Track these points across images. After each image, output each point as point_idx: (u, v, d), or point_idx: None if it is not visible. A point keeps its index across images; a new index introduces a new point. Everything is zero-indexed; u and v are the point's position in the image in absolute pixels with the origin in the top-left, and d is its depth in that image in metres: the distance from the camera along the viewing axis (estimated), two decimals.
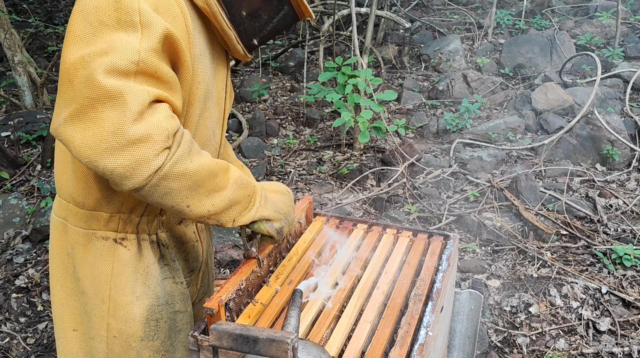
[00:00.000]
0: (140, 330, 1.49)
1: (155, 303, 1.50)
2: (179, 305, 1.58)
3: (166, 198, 1.23)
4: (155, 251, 1.51)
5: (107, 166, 1.14)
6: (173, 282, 1.56)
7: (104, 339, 1.49)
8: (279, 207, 1.50)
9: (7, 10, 5.15)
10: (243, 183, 1.38)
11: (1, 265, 3.57)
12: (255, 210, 1.42)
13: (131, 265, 1.46)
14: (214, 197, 1.31)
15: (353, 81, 4.51)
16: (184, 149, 1.22)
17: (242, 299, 1.55)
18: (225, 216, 1.36)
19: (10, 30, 5.22)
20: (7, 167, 4.47)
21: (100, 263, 1.45)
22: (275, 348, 1.16)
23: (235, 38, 1.44)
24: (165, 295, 1.53)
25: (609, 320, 3.02)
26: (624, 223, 3.84)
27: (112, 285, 1.45)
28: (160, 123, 1.16)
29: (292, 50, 7.21)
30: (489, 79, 6.31)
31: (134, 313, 1.47)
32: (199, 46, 1.37)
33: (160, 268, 1.52)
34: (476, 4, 8.81)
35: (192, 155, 1.24)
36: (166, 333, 1.54)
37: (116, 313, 1.47)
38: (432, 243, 1.92)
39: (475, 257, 3.57)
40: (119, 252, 1.45)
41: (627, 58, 6.51)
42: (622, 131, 4.74)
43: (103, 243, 1.45)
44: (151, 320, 1.50)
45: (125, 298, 1.46)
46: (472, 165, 4.56)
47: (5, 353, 2.95)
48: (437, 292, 1.65)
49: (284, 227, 1.52)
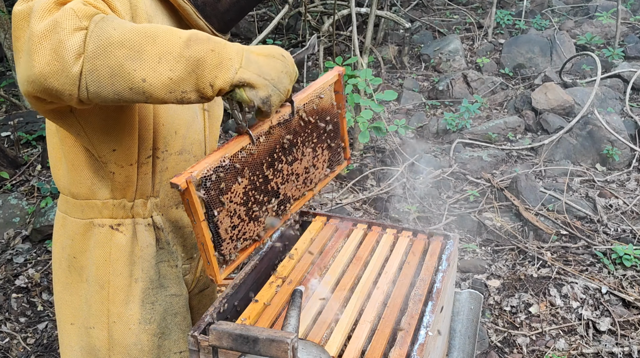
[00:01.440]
0: (138, 312, 1.51)
1: (149, 286, 1.52)
2: (174, 289, 1.59)
3: (116, 81, 1.10)
4: (151, 234, 1.52)
5: (36, 72, 1.07)
6: (168, 265, 1.57)
7: (105, 326, 1.51)
8: (264, 71, 1.23)
9: (7, 10, 5.15)
10: (201, 38, 1.16)
11: (1, 265, 3.57)
12: (233, 71, 1.18)
13: (128, 249, 1.48)
14: (167, 60, 1.12)
15: (353, 81, 4.51)
16: (104, 23, 1.10)
17: (226, 176, 1.30)
18: (197, 81, 1.15)
19: (10, 30, 5.21)
20: (7, 167, 4.47)
21: (98, 250, 1.48)
22: (275, 348, 1.16)
23: (194, 13, 1.40)
24: (160, 278, 1.55)
25: (609, 320, 3.02)
26: (624, 223, 3.84)
27: (111, 270, 1.48)
28: (65, 8, 1.08)
29: (292, 50, 7.21)
30: (489, 79, 6.31)
31: (132, 295, 1.50)
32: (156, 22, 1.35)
33: (155, 251, 1.53)
34: (476, 4, 8.81)
35: (115, 24, 1.11)
36: (162, 315, 1.55)
37: (115, 298, 1.49)
38: (432, 243, 1.92)
39: (475, 257, 3.57)
40: (116, 237, 1.48)
41: (627, 58, 6.51)
42: (622, 131, 4.74)
43: (100, 231, 1.48)
44: (147, 303, 1.52)
45: (123, 281, 1.49)
46: (472, 165, 4.56)
47: (5, 353, 2.95)
48: (437, 292, 1.65)
49: (272, 96, 1.25)
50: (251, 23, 7.44)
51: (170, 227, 1.58)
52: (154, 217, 1.52)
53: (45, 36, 1.07)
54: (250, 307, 1.60)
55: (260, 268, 1.80)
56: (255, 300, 1.61)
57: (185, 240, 1.64)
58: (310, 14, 6.86)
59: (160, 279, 1.55)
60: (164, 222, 1.55)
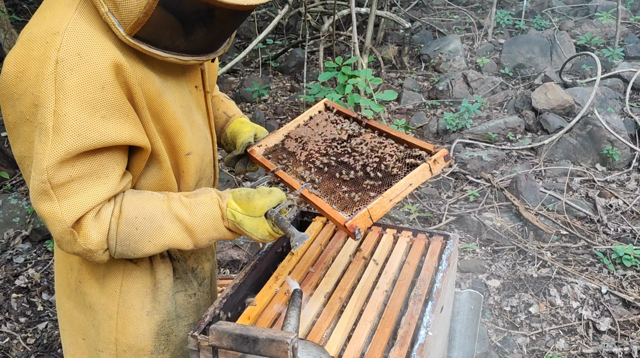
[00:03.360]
0: (150, 344, 1.49)
1: (165, 318, 1.51)
2: (192, 318, 1.58)
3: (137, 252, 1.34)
4: (167, 265, 1.50)
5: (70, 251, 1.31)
6: (185, 295, 1.56)
7: (112, 352, 1.49)
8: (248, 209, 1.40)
9: (7, 10, 5.15)
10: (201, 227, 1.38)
11: (1, 265, 3.57)
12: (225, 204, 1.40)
13: (140, 280, 1.46)
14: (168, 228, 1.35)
15: (353, 81, 4.51)
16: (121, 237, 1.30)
17: None
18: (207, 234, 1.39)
19: (10, 30, 5.22)
20: (7, 167, 4.48)
21: (109, 278, 1.45)
22: (275, 348, 1.16)
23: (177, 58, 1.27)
24: (177, 308, 1.53)
25: (609, 320, 3.02)
26: (624, 223, 3.84)
27: (121, 301, 1.45)
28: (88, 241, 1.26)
29: (292, 50, 7.21)
30: (489, 79, 6.31)
31: (144, 328, 1.47)
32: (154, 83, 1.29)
33: (172, 282, 1.52)
34: (476, 4, 8.81)
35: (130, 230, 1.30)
36: (177, 345, 1.54)
37: (125, 330, 1.47)
38: (432, 244, 1.92)
39: (475, 257, 3.57)
40: (129, 267, 1.45)
41: (627, 58, 6.51)
42: (622, 131, 4.74)
43: (112, 259, 1.42)
44: (161, 335, 1.50)
45: (134, 313, 1.46)
46: (472, 165, 4.56)
47: (5, 353, 2.95)
48: (437, 292, 1.65)
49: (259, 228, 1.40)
50: (251, 23, 7.44)
51: (189, 252, 1.57)
52: None
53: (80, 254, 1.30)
54: (250, 308, 1.60)
55: (260, 268, 1.80)
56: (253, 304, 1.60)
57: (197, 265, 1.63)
58: (310, 14, 6.86)
59: (177, 310, 1.53)
60: (180, 252, 1.54)
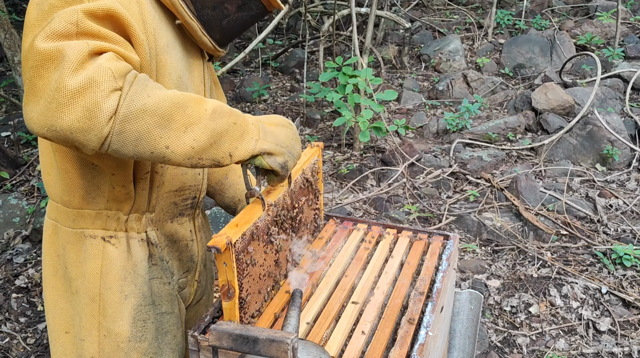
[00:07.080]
0: (127, 330, 1.48)
1: (142, 303, 1.50)
2: (166, 306, 1.57)
3: (140, 144, 1.15)
4: (144, 249, 1.50)
5: (63, 125, 1.08)
6: (160, 282, 1.55)
7: (95, 339, 1.48)
8: (280, 140, 1.37)
9: (7, 10, 5.15)
10: (225, 111, 1.25)
11: (1, 265, 3.57)
12: (254, 142, 1.30)
13: (119, 262, 1.46)
14: (193, 131, 1.19)
15: (353, 81, 4.51)
16: (138, 86, 1.13)
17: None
18: (217, 151, 1.24)
19: (10, 30, 5.22)
20: (7, 167, 4.47)
21: (89, 261, 1.45)
22: (275, 348, 1.16)
23: (199, 29, 1.40)
24: (152, 295, 1.52)
25: (609, 320, 3.02)
26: (624, 223, 3.84)
27: (102, 283, 1.45)
28: (103, 65, 1.09)
29: (292, 50, 7.21)
30: (489, 79, 6.31)
31: (122, 312, 1.47)
32: (164, 38, 1.34)
33: (148, 267, 1.51)
34: (476, 4, 8.82)
35: (149, 89, 1.15)
36: (153, 334, 1.53)
37: (106, 312, 1.46)
38: (432, 243, 1.92)
39: (475, 257, 3.57)
40: (108, 250, 1.45)
41: (627, 58, 6.51)
42: (622, 131, 4.74)
43: (92, 242, 1.44)
44: (138, 321, 1.50)
45: (113, 296, 1.46)
46: (472, 165, 4.56)
47: (5, 353, 2.95)
48: (437, 292, 1.65)
49: (289, 161, 1.40)
50: None
51: (166, 242, 1.56)
52: (148, 232, 1.50)
53: (80, 93, 1.07)
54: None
55: None
56: None
57: (181, 254, 1.62)
58: (310, 14, 6.86)
59: (152, 296, 1.52)
60: (158, 237, 1.53)
